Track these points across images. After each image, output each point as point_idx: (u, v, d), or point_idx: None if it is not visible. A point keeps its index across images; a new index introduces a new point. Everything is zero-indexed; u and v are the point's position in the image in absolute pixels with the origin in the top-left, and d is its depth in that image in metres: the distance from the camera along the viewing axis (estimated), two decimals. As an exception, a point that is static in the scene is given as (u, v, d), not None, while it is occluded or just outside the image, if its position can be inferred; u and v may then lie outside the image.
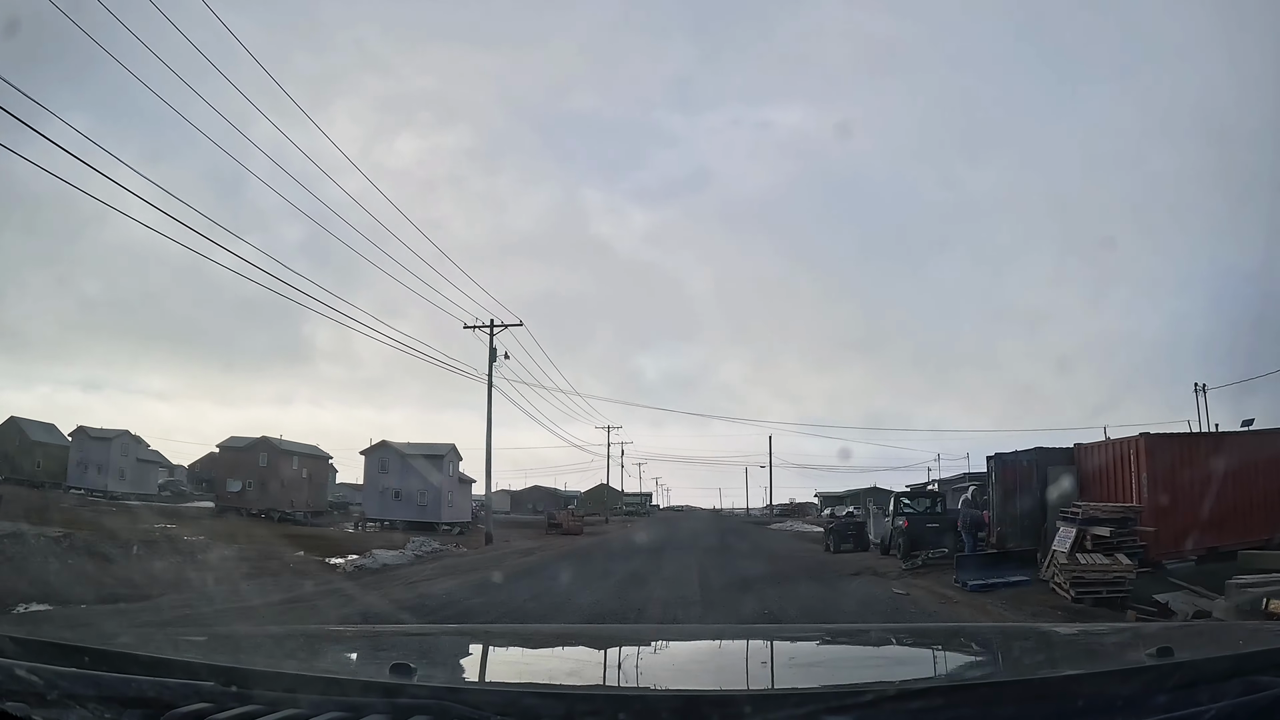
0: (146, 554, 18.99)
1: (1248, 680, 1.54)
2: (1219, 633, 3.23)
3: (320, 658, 2.36)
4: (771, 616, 11.68)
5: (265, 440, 57.75)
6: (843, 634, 3.50)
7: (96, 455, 60.03)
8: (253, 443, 57.63)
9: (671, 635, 3.90)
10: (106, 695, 1.51)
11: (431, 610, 12.73)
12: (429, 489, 53.67)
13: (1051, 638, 3.08)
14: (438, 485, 53.91)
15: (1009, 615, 11.90)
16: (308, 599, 14.27)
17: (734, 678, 2.31)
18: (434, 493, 53.80)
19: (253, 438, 57.96)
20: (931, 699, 1.56)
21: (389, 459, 55.52)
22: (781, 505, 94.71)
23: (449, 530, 45.79)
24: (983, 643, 2.92)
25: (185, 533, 26.93)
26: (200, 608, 12.10)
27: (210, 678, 1.54)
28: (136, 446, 64.05)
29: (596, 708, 1.48)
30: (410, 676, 1.58)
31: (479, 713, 1.42)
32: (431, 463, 54.10)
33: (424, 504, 53.18)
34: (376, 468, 55.85)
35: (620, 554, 28.15)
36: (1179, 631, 3.14)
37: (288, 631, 3.68)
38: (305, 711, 1.44)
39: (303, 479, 59.47)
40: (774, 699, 1.58)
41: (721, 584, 17.45)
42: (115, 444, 60.82)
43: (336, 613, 12.32)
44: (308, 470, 60.61)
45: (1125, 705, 1.49)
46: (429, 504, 53.28)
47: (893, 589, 15.96)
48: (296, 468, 59.23)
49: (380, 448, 56.30)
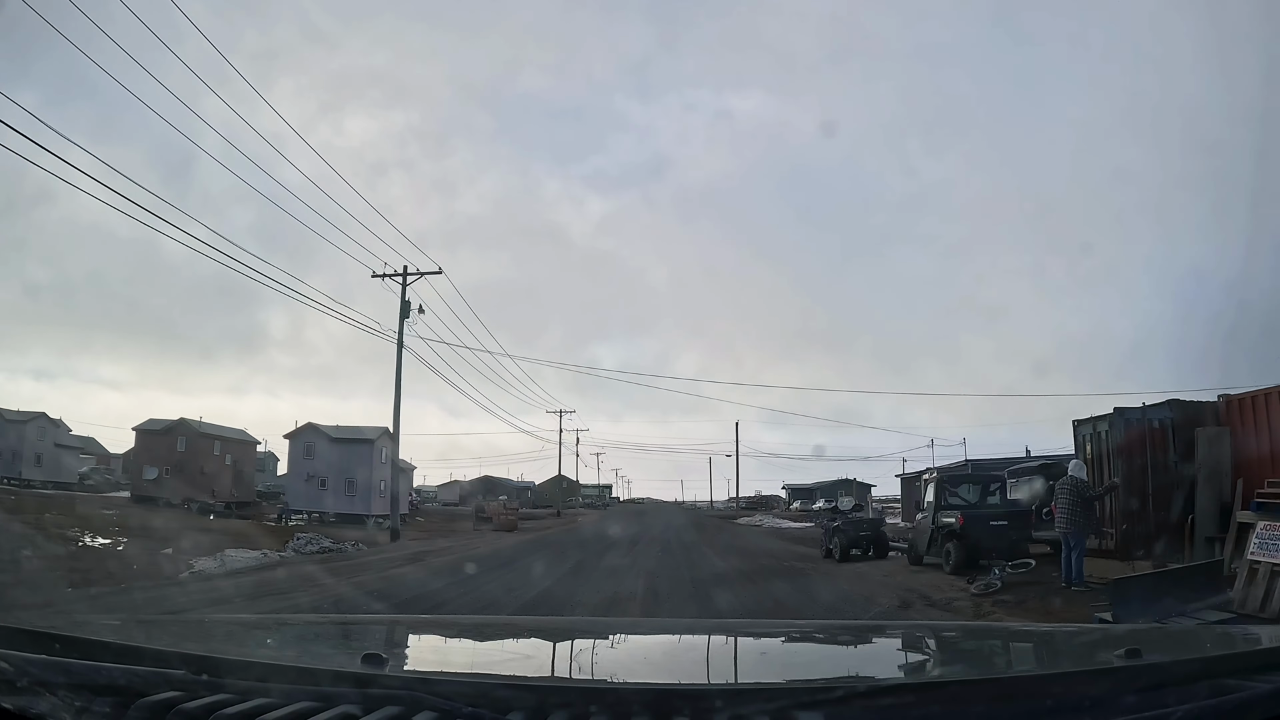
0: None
1: (1215, 683, 1.63)
2: (1187, 636, 3.39)
3: (292, 647, 2.43)
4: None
5: (184, 423, 55.52)
6: (816, 630, 3.61)
7: (9, 440, 57.88)
8: (170, 425, 55.41)
9: (645, 629, 3.98)
10: (76, 683, 1.57)
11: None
12: (358, 477, 51.79)
13: (1022, 638, 3.24)
14: (368, 473, 51.69)
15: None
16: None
17: (705, 672, 2.42)
18: (364, 481, 51.63)
19: (171, 420, 55.89)
20: (902, 696, 1.65)
21: (315, 443, 53.40)
22: (747, 498, 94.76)
23: (380, 523, 44.64)
24: (954, 642, 3.06)
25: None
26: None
27: (181, 666, 1.61)
28: (55, 430, 62.08)
29: (568, 700, 1.54)
30: (382, 666, 1.66)
31: (450, 703, 1.48)
32: (361, 448, 52.07)
33: (353, 494, 51.46)
34: (301, 453, 53.78)
35: (554, 558, 24.15)
36: (1148, 634, 3.30)
37: (260, 620, 3.72)
38: (276, 701, 1.51)
39: (226, 465, 57.61)
40: (746, 694, 1.65)
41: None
42: (30, 427, 59.04)
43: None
44: (232, 456, 58.79)
45: (1094, 705, 1.57)
46: (359, 494, 51.40)
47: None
48: (219, 453, 57.40)
49: (306, 430, 54.03)
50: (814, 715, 1.48)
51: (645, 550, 28.16)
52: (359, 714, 1.48)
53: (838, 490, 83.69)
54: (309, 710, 1.49)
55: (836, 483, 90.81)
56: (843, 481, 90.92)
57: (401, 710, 1.48)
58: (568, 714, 1.49)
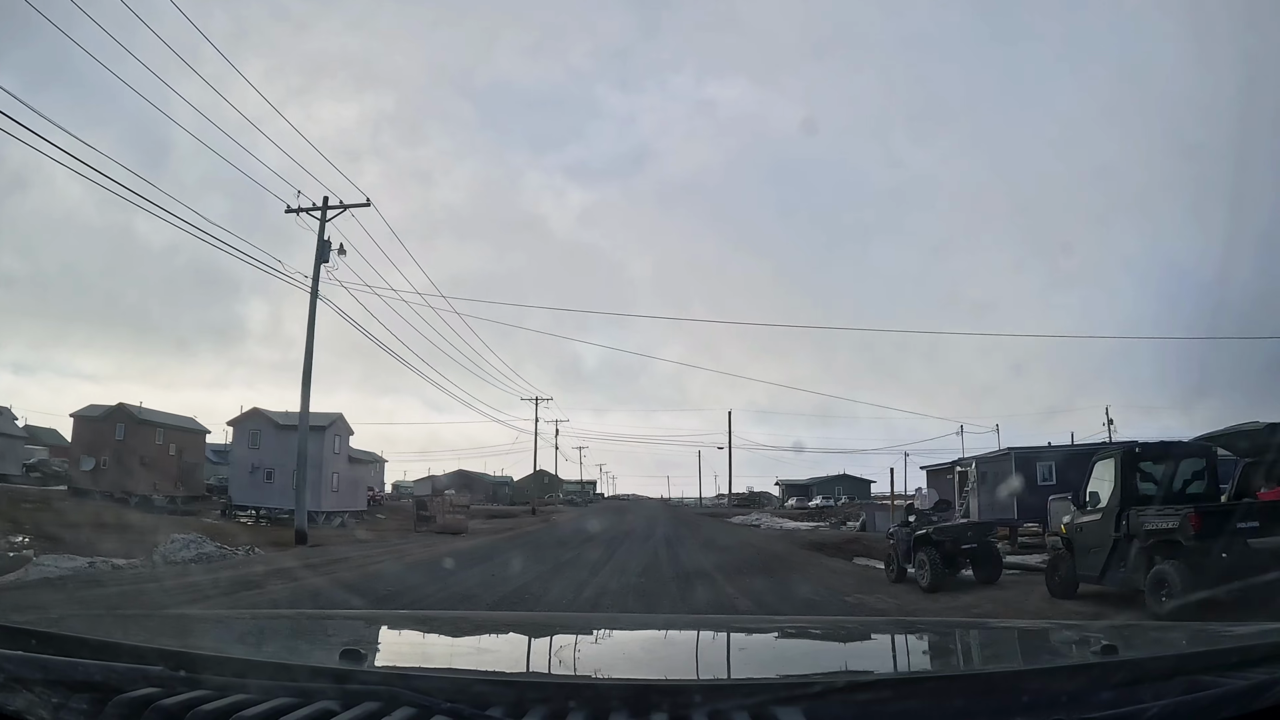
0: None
1: (1190, 679, 1.72)
2: (1162, 633, 3.52)
3: (270, 642, 2.50)
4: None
5: (122, 408, 53.86)
6: (795, 626, 3.71)
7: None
8: (109, 411, 53.82)
9: (625, 624, 4.05)
10: (53, 679, 1.64)
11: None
12: (309, 469, 48.95)
13: (1000, 633, 3.35)
14: (318, 465, 47.45)
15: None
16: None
17: (686, 667, 2.50)
18: (314, 474, 46.47)
19: (110, 405, 54.32)
20: (880, 691, 1.73)
21: (261, 431, 50.97)
22: (738, 495, 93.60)
23: (334, 520, 43.21)
24: (932, 637, 3.17)
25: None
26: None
27: (158, 662, 1.68)
28: (0, 419, 60.20)
29: (547, 695, 1.61)
30: (360, 662, 1.74)
31: (429, 699, 1.54)
32: (311, 436, 48.13)
33: (302, 488, 49.49)
34: (246, 442, 51.53)
35: (496, 577, 19.50)
36: (1124, 631, 3.42)
37: (237, 615, 3.76)
38: (254, 696, 1.58)
39: (170, 456, 55.80)
40: (724, 689, 1.72)
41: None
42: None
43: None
44: (177, 445, 56.98)
45: (1070, 700, 1.64)
46: (309, 487, 48.49)
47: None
48: (162, 442, 55.61)
49: (251, 417, 51.64)
50: (792, 710, 1.54)
51: (638, 559, 23.88)
52: (337, 709, 1.54)
53: (835, 486, 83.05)
54: (287, 706, 1.55)
55: (835, 479, 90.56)
56: (840, 478, 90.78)
57: (380, 705, 1.54)
58: (547, 709, 1.55)
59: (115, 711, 1.54)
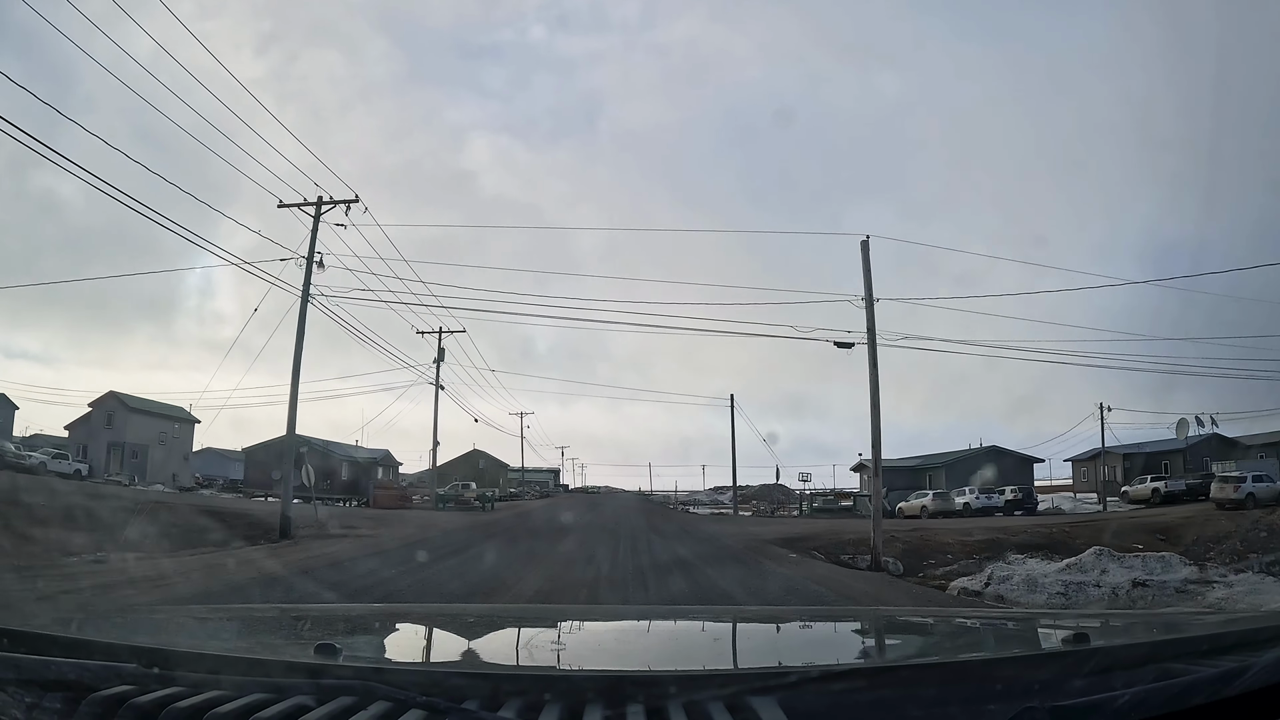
0: None
1: (1161, 667, 1.74)
2: (1134, 622, 3.56)
3: (244, 638, 2.50)
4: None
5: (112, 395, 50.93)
6: (769, 616, 3.73)
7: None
8: None
9: (599, 615, 4.07)
10: (26, 678, 1.63)
11: None
12: None
13: (973, 623, 3.38)
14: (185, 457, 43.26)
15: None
16: None
17: (660, 658, 2.51)
18: None
19: None
20: (854, 680, 1.73)
21: (115, 414, 46.90)
22: (743, 489, 74.23)
23: None
24: (906, 626, 3.21)
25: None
26: None
27: (131, 659, 1.67)
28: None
29: (522, 687, 1.61)
30: (335, 657, 1.73)
31: (404, 693, 1.54)
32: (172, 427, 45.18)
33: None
34: (103, 421, 47.21)
35: None
36: (1095, 620, 3.46)
37: (211, 611, 3.76)
38: (229, 693, 1.57)
39: None
40: (700, 679, 1.71)
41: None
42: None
43: None
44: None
45: (1042, 688, 1.64)
46: None
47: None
48: None
49: (107, 400, 47.30)
50: (767, 700, 1.54)
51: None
52: (312, 704, 1.54)
53: (981, 463, 60.54)
54: (262, 702, 1.54)
55: (974, 454, 66.77)
56: (989, 451, 70.14)
57: (355, 700, 1.54)
58: (522, 701, 1.55)
59: (89, 710, 1.53)
